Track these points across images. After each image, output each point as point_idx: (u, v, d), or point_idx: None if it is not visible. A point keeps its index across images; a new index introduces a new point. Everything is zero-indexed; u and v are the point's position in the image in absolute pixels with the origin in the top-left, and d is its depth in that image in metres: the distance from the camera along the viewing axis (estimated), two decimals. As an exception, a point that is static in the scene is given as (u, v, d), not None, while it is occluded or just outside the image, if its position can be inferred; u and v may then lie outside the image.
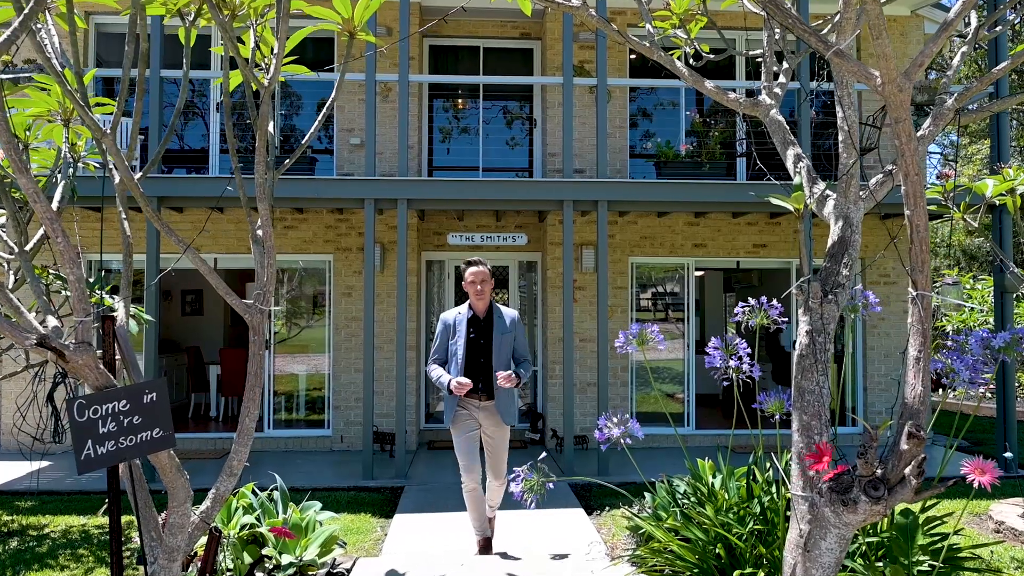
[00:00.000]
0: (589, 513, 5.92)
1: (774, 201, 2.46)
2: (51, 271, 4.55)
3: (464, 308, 4.66)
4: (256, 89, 2.72)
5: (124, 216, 2.90)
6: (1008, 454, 6.94)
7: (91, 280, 3.81)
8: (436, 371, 4.55)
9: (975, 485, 1.74)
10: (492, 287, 4.62)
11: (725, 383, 2.78)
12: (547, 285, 8.99)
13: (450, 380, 4.38)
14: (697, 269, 9.32)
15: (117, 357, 2.34)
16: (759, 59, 3.97)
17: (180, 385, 10.86)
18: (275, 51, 2.60)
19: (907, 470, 1.73)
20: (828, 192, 2.87)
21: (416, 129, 8.87)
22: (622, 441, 2.91)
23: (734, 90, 8.98)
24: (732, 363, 2.77)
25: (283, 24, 2.50)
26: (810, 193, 2.96)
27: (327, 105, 2.87)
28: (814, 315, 2.49)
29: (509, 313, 4.66)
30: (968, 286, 15.31)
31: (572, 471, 7.24)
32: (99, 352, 2.33)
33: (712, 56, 4.22)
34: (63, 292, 4.13)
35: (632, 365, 8.96)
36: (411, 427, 8.53)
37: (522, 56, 9.73)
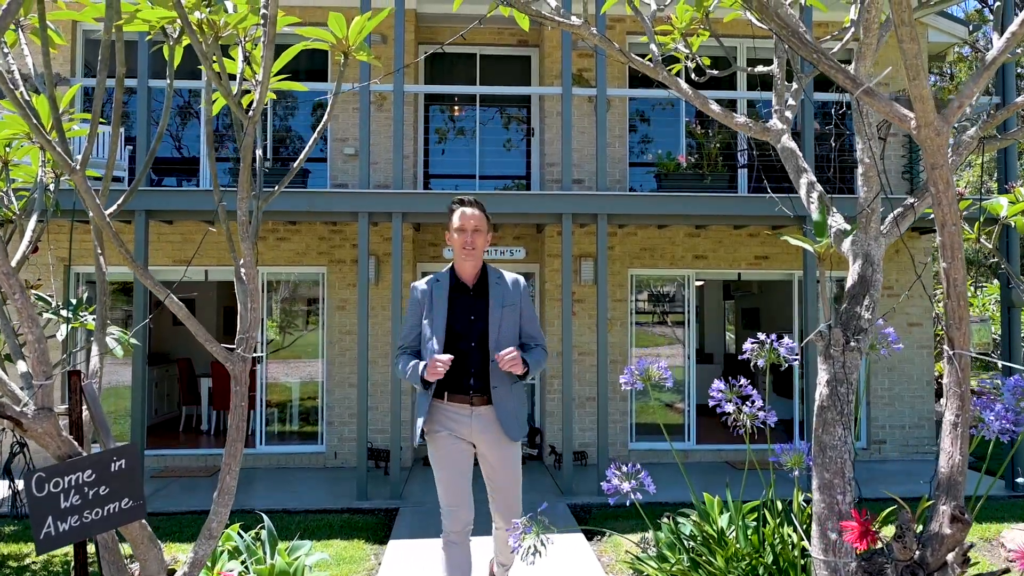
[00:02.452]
0: (590, 538, 5.76)
1: (793, 242, 2.30)
2: (34, 293, 4.36)
3: (444, 273, 3.36)
4: (245, 106, 2.55)
5: (100, 251, 2.73)
6: (1021, 479, 6.81)
7: (73, 300, 3.63)
8: (404, 362, 3.28)
9: None
10: (489, 243, 3.36)
11: (739, 431, 2.63)
12: (545, 297, 8.83)
13: (423, 364, 3.13)
14: (697, 280, 9.17)
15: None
16: (757, 69, 3.82)
17: (171, 397, 10.67)
18: (259, 77, 2.43)
19: (950, 557, 1.57)
20: (847, 226, 2.71)
21: (411, 138, 8.69)
22: (629, 490, 2.75)
23: (737, 103, 8.82)
24: (746, 409, 2.61)
25: (268, 51, 2.33)
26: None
27: (318, 129, 2.70)
28: (835, 364, 2.33)
29: (510, 277, 3.36)
30: (968, 294, 15.18)
31: (571, 489, 7.08)
32: (65, 408, 2.16)
33: (716, 72, 4.08)
34: (44, 314, 3.95)
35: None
36: (406, 443, 8.36)
37: (519, 63, 9.56)
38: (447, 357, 3.04)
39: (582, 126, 8.67)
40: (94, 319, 3.20)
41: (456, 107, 9.45)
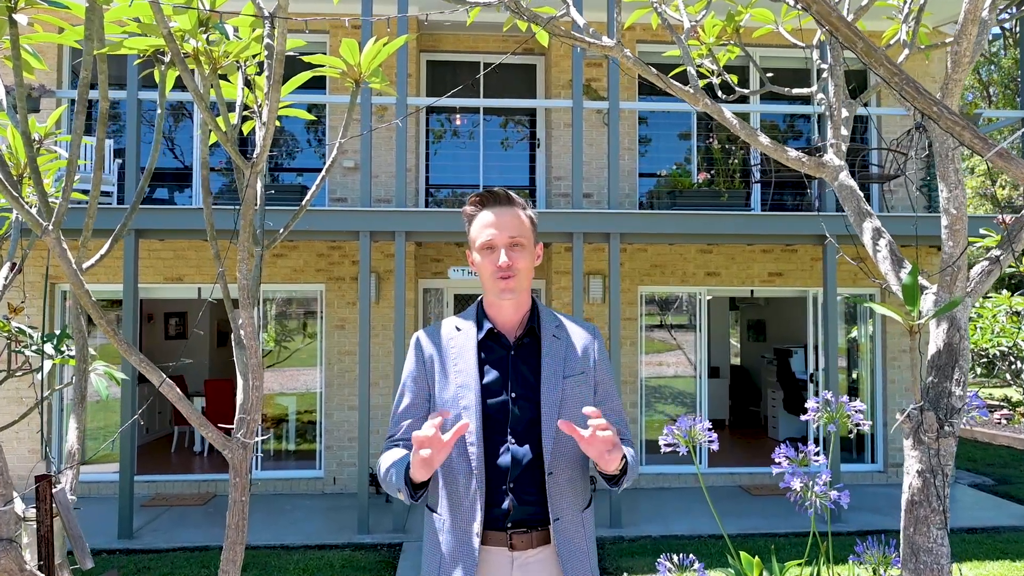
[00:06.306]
0: (605, 579, 5.46)
1: (879, 310, 2.01)
2: (16, 326, 4.00)
3: (467, 319, 1.99)
4: (246, 132, 2.23)
5: (80, 310, 2.40)
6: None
7: (58, 333, 3.30)
8: (392, 457, 1.86)
9: None
10: (539, 261, 2.03)
11: (808, 511, 2.34)
12: (552, 315, 8.53)
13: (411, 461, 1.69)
14: (709, 295, 8.89)
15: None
16: (795, 91, 3.54)
17: (162, 415, 10.31)
18: (263, 128, 2.11)
19: None
20: (925, 284, 2.41)
21: (413, 151, 8.37)
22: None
23: (751, 116, 8.53)
24: (817, 489, 2.31)
25: (274, 93, 2.00)
26: (896, 281, 2.51)
27: (324, 170, 2.39)
28: (929, 452, 2.03)
29: (576, 326, 2.02)
30: (977, 304, 14.98)
31: (581, 520, 6.77)
32: (34, 512, 1.83)
33: (746, 91, 3.79)
34: (27, 352, 3.61)
35: (641, 400, 8.50)
36: (408, 467, 8.04)
37: (524, 71, 9.25)
38: (445, 428, 1.70)
39: (590, 138, 8.37)
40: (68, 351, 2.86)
41: (458, 117, 9.14)
